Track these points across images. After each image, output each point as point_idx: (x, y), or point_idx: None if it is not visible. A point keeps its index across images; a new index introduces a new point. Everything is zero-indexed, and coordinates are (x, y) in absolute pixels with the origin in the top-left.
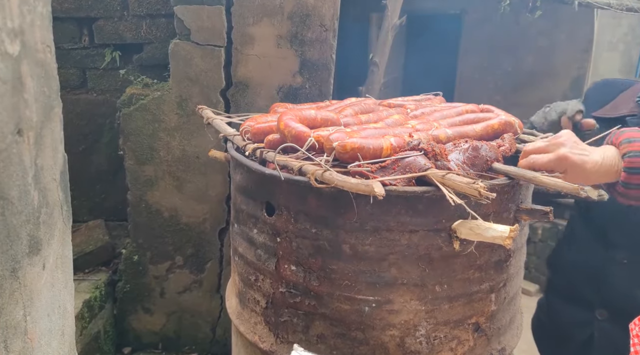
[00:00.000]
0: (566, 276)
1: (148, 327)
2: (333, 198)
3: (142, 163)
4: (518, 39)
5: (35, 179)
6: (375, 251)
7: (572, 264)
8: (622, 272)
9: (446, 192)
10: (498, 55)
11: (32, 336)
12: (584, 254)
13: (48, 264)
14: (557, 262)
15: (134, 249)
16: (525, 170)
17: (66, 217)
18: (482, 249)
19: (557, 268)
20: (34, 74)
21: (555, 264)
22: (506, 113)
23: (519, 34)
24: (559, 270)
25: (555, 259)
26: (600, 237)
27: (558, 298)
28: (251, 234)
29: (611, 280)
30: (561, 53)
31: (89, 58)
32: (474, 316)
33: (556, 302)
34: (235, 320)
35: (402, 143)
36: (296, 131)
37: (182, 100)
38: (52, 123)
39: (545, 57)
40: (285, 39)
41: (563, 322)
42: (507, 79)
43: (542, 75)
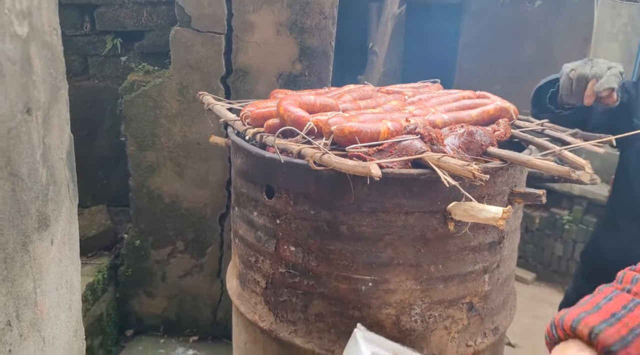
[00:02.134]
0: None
1: (150, 310)
2: (331, 180)
3: (144, 149)
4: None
5: (44, 157)
6: (372, 232)
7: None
8: None
9: (441, 174)
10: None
11: (41, 308)
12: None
13: (56, 239)
14: (592, 254)
15: (136, 233)
16: (518, 154)
17: (73, 195)
18: (476, 231)
19: (594, 262)
20: (42, 55)
21: (590, 255)
22: (502, 99)
23: (519, 23)
24: (594, 263)
25: (591, 250)
26: None
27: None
28: (251, 216)
29: None
30: (561, 43)
31: (91, 45)
32: (468, 296)
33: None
34: (236, 300)
35: (399, 127)
36: (295, 116)
37: (182, 87)
38: (59, 104)
39: (545, 47)
40: (284, 27)
41: None
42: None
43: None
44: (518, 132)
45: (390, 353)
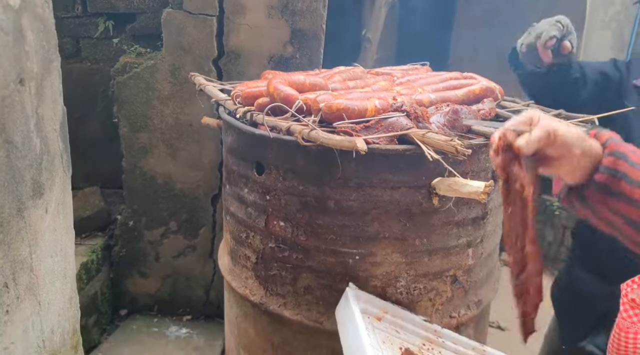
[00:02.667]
0: (592, 247)
1: (144, 290)
2: (319, 156)
3: (137, 131)
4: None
5: (37, 127)
6: (359, 206)
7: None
8: None
9: (425, 149)
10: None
11: (37, 273)
12: None
13: (50, 208)
14: (583, 232)
15: (129, 214)
16: None
17: (66, 166)
18: (460, 206)
19: (582, 238)
20: (34, 27)
21: (581, 233)
22: (488, 80)
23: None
24: (584, 240)
25: (581, 228)
26: None
27: (580, 268)
28: (242, 193)
29: None
30: None
31: (83, 27)
32: (452, 269)
33: (579, 272)
34: (228, 276)
35: (386, 105)
36: (285, 94)
37: (175, 69)
38: (51, 76)
39: None
40: (276, 9)
41: (586, 294)
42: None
43: None
44: (503, 111)
45: (379, 310)
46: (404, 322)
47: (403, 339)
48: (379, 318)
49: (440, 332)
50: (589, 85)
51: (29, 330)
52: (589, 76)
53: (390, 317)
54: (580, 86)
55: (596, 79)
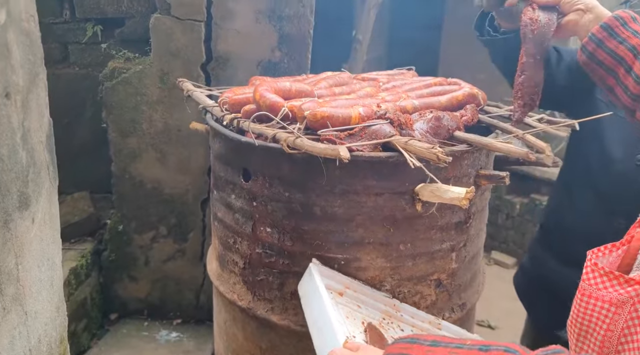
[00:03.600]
0: (562, 238)
1: (134, 294)
2: (304, 163)
3: (125, 136)
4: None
5: (23, 139)
6: (344, 213)
7: (570, 227)
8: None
9: (407, 156)
10: None
11: (24, 283)
12: (584, 218)
13: (37, 218)
14: (552, 224)
15: (119, 219)
16: (482, 138)
17: (53, 177)
18: (443, 211)
19: (550, 229)
20: (20, 41)
21: (549, 225)
22: (471, 86)
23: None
24: (553, 231)
25: (549, 220)
26: (602, 202)
27: (550, 258)
28: (229, 199)
29: None
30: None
31: (71, 32)
32: (435, 273)
33: (549, 262)
34: (216, 281)
35: (371, 112)
36: (270, 101)
37: (163, 74)
38: (37, 88)
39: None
40: (264, 14)
41: (557, 283)
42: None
43: None
44: (485, 117)
45: (342, 286)
46: (365, 297)
47: (364, 314)
48: (341, 293)
49: (398, 306)
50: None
51: (16, 340)
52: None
53: (352, 292)
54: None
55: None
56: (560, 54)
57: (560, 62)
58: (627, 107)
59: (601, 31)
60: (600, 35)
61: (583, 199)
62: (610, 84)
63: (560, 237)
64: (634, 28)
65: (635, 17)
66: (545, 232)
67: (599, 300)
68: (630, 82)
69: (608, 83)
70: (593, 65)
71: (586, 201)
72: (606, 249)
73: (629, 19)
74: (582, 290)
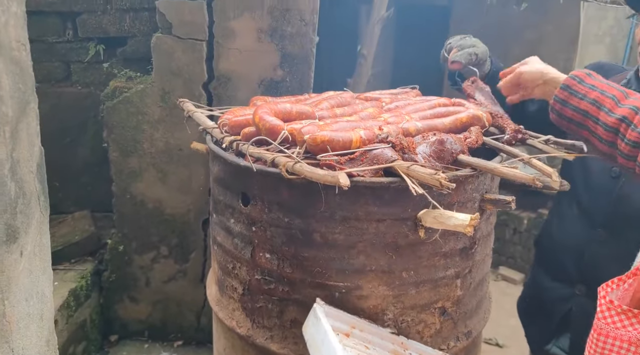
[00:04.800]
0: (552, 253)
1: (134, 315)
2: (304, 189)
3: (127, 155)
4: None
5: (12, 170)
6: (345, 239)
7: (558, 242)
8: (601, 249)
9: (409, 182)
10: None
11: (10, 319)
12: (569, 231)
13: (26, 251)
14: (544, 240)
15: (119, 239)
16: (486, 162)
17: (43, 207)
18: (447, 237)
19: (543, 246)
20: (9, 71)
21: (542, 242)
22: (476, 107)
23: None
24: (545, 248)
25: (542, 237)
26: (584, 215)
27: (543, 275)
28: (228, 223)
29: (591, 256)
30: (548, 45)
31: (73, 51)
32: (440, 301)
33: (542, 279)
34: (215, 306)
35: (372, 136)
36: (270, 124)
37: (165, 93)
38: (28, 118)
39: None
40: (265, 33)
41: (546, 298)
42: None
43: None
44: (489, 139)
45: (347, 326)
46: (372, 336)
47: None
48: (348, 334)
49: (406, 344)
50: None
51: None
52: None
53: (358, 332)
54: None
55: None
56: None
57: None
58: (606, 154)
59: (562, 92)
60: (562, 95)
61: (568, 213)
62: (585, 135)
63: (550, 252)
64: (590, 83)
65: (591, 73)
66: (538, 249)
67: (617, 340)
68: (601, 131)
69: (583, 135)
70: (564, 122)
71: (571, 215)
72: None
73: (584, 76)
74: (598, 329)
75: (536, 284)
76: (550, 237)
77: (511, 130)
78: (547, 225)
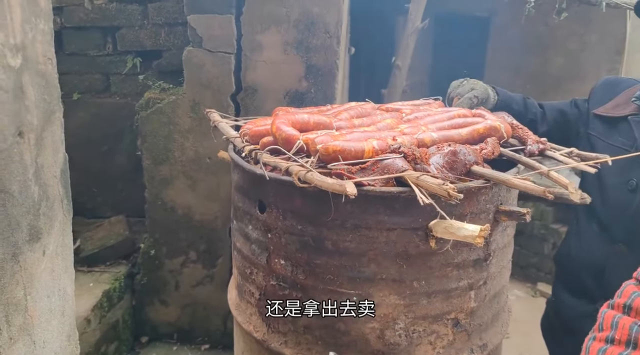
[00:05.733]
0: (572, 270)
1: (164, 318)
2: (316, 197)
3: (158, 163)
4: (547, 41)
5: (36, 175)
6: (356, 247)
7: (577, 258)
8: (621, 263)
9: (418, 192)
10: (526, 58)
11: (32, 313)
12: (588, 248)
13: (48, 251)
14: (564, 257)
15: (151, 243)
16: (499, 173)
17: (66, 210)
18: (459, 248)
19: (563, 263)
20: (35, 83)
21: (562, 259)
22: (495, 118)
23: (548, 35)
24: (565, 265)
25: (561, 254)
26: (603, 231)
27: (565, 292)
28: (247, 229)
29: (611, 271)
30: (591, 55)
31: (113, 64)
32: (452, 312)
33: (563, 296)
34: (234, 311)
35: (385, 146)
36: (286, 134)
37: (195, 104)
38: (52, 126)
39: (574, 59)
40: (291, 46)
41: (569, 316)
42: (536, 81)
43: (572, 78)
44: (507, 150)
45: None
46: None
47: None
48: None
49: None
50: (549, 122)
51: None
52: (548, 114)
53: None
54: (539, 123)
55: (556, 117)
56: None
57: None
58: None
59: None
60: None
61: (588, 229)
62: None
63: (570, 269)
64: None
65: None
66: (558, 266)
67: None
68: None
69: None
70: None
71: (589, 230)
72: None
73: None
74: None
75: (558, 302)
76: (569, 254)
77: (533, 142)
78: (566, 242)
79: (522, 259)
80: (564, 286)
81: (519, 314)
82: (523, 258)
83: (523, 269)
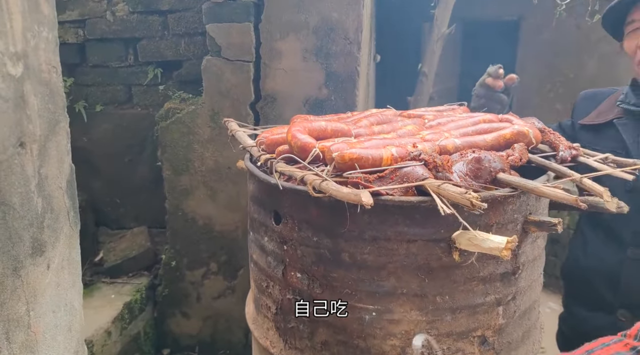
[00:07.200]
0: (583, 283)
1: (185, 330)
2: (332, 207)
3: (179, 173)
4: (579, 45)
5: (39, 187)
6: (374, 260)
7: (587, 270)
8: (636, 268)
9: (439, 201)
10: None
11: (35, 330)
12: (598, 257)
13: (53, 264)
14: (573, 271)
15: (172, 255)
16: (527, 181)
17: (73, 222)
18: (485, 261)
19: (573, 277)
20: (38, 92)
21: (571, 272)
22: (523, 123)
23: (580, 39)
24: (575, 279)
25: (569, 267)
26: (612, 238)
27: (578, 307)
28: (262, 241)
29: (628, 278)
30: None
31: (134, 75)
32: (479, 329)
33: (578, 310)
34: (252, 325)
35: (404, 153)
36: (302, 142)
37: (214, 113)
38: (57, 136)
39: (608, 62)
40: (310, 53)
41: (587, 330)
42: (568, 86)
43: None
44: (536, 157)
45: None
46: None
47: None
48: None
49: None
50: None
51: None
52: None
53: None
54: None
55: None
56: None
57: None
58: None
59: None
60: None
61: (593, 238)
62: None
63: (581, 282)
64: None
65: None
66: (566, 280)
67: None
68: None
69: None
70: None
71: (595, 239)
72: None
73: None
74: None
75: (573, 317)
76: (578, 267)
77: (565, 147)
78: (572, 254)
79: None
80: (575, 300)
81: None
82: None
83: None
